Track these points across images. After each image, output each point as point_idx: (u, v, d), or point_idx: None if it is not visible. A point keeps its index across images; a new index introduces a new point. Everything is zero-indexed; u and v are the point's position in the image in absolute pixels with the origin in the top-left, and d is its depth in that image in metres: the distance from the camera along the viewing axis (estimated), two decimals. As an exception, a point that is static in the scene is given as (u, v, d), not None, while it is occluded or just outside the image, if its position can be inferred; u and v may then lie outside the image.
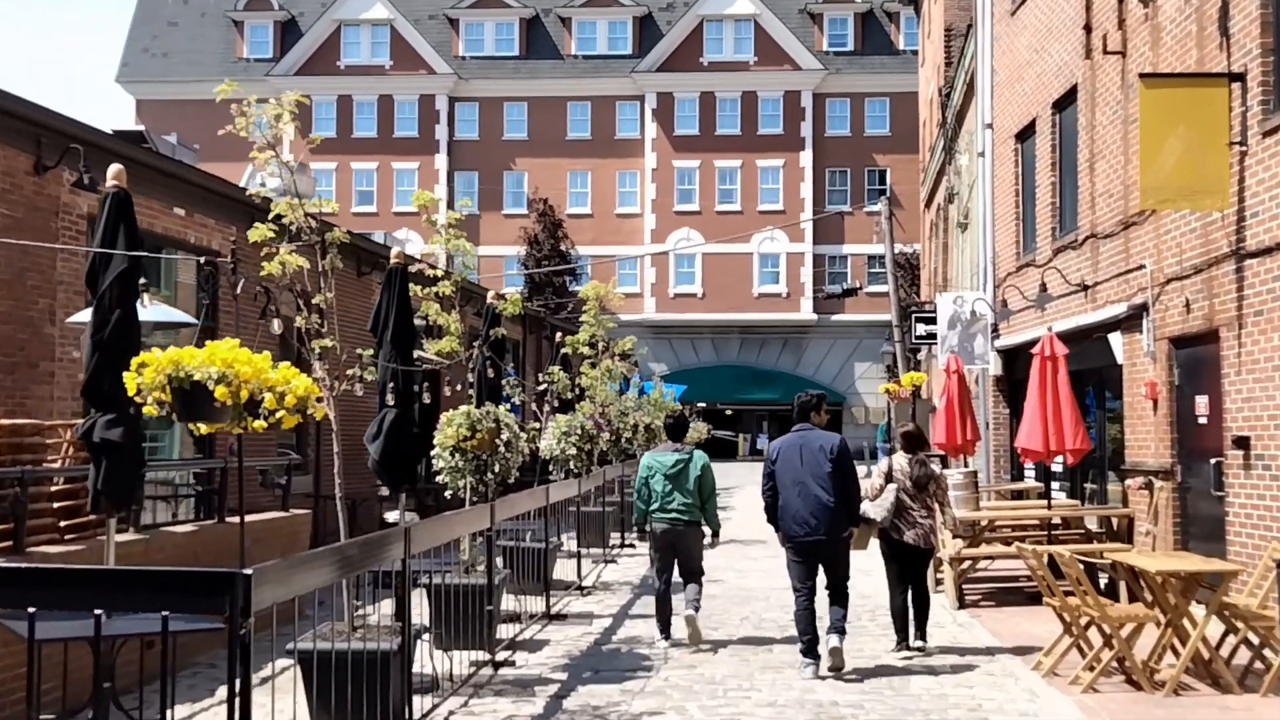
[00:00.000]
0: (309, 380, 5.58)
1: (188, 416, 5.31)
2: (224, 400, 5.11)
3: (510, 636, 10.34)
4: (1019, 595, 13.08)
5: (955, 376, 15.89)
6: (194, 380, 5.06)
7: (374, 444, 8.61)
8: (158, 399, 5.16)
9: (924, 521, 9.85)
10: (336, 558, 5.86)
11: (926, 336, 20.86)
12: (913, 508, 9.81)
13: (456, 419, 9.05)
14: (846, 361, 54.46)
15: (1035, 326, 15.63)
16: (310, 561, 5.43)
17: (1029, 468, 17.21)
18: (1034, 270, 15.66)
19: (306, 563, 5.39)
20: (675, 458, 10.30)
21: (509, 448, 9.24)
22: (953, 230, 24.17)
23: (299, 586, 5.38)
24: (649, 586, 14.14)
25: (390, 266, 8.73)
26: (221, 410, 5.20)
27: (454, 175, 55.95)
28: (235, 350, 5.22)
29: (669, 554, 10.31)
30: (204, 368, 5.06)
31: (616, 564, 16.41)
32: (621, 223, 54.85)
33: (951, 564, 12.27)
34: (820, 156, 54.56)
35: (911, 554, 9.87)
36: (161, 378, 5.09)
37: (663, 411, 25.95)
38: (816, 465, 8.88)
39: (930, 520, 9.90)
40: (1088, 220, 13.68)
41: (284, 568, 5.14)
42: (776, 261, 54.44)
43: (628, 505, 20.10)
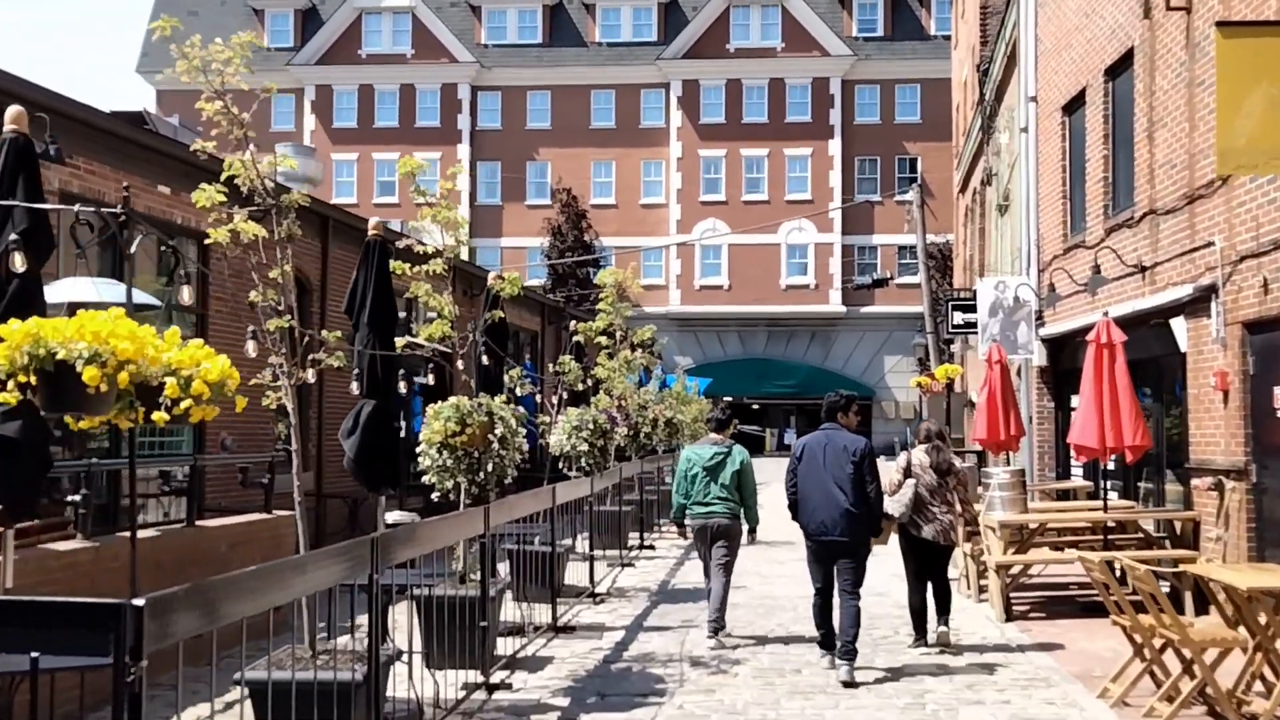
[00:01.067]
0: (226, 363, 4.55)
1: (55, 406, 4.27)
2: (96, 385, 4.07)
3: (510, 653, 9.32)
4: (1070, 605, 11.96)
5: (997, 367, 14.74)
6: (59, 360, 4.04)
7: (349, 440, 7.61)
8: (20, 382, 4.13)
9: (943, 517, 9.71)
10: (269, 579, 4.84)
11: (964, 326, 19.68)
12: (931, 503, 9.68)
13: (444, 412, 8.03)
14: (876, 355, 53.23)
15: (1085, 312, 14.48)
16: (228, 588, 4.39)
17: (1076, 465, 16.06)
18: (1084, 252, 14.50)
19: (223, 589, 4.35)
20: (714, 451, 10.14)
21: (504, 445, 8.21)
22: (990, 214, 22.98)
23: (215, 617, 4.35)
24: (667, 593, 13.13)
25: (368, 239, 7.72)
26: (98, 398, 4.17)
27: (476, 165, 55.02)
28: (117, 321, 4.18)
29: (706, 547, 10.21)
30: (70, 343, 4.02)
31: (634, 567, 15.38)
32: (646, 213, 53.80)
33: (998, 572, 11.16)
34: (849, 145, 53.31)
35: (930, 550, 9.75)
36: (22, 356, 4.07)
37: (686, 405, 24.96)
38: (838, 467, 8.80)
39: (949, 516, 9.77)
40: (1145, 195, 12.52)
41: (188, 596, 4.11)
42: (804, 252, 53.24)
43: (647, 504, 19.07)
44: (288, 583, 5.03)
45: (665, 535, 19.38)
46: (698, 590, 12.99)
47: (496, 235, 54.34)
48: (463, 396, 8.16)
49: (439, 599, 8.40)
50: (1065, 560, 11.20)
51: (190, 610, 4.25)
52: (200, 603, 4.33)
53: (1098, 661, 9.18)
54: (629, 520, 17.06)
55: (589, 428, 12.52)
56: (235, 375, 4.65)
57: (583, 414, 12.62)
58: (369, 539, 6.11)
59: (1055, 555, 11.45)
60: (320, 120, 55.07)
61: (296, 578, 5.14)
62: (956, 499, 9.85)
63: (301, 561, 5.47)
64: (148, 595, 3.91)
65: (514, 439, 8.25)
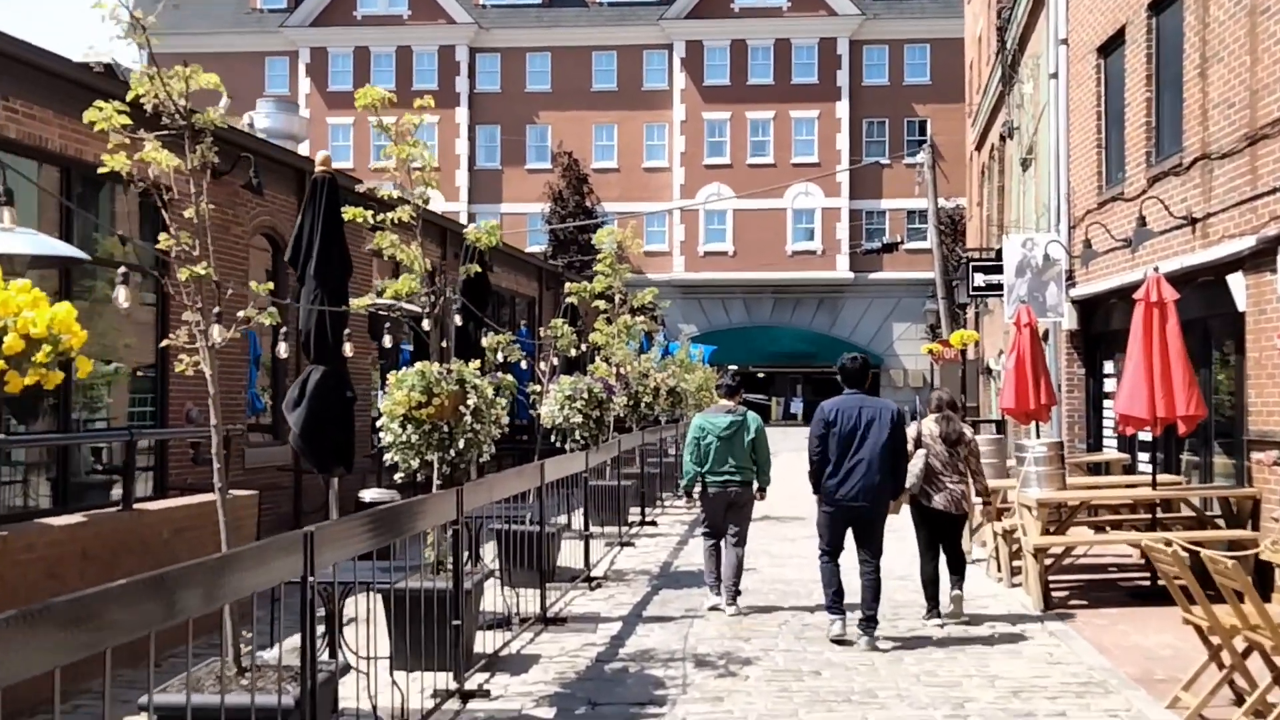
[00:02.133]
0: (66, 310, 3.44)
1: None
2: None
3: (492, 651, 8.25)
4: (1113, 591, 10.86)
5: (1026, 331, 13.58)
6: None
7: (295, 413, 6.50)
8: None
9: (954, 487, 9.55)
10: (148, 594, 3.73)
11: (986, 288, 18.51)
12: (942, 473, 9.54)
13: (408, 380, 6.91)
14: (884, 322, 52.08)
15: (1123, 270, 13.33)
16: (86, 607, 3.25)
17: (1109, 437, 14.94)
18: (1122, 205, 13.33)
19: (74, 611, 3.22)
20: (729, 419, 10.03)
21: (479, 417, 7.09)
22: (1011, 171, 21.77)
23: (65, 648, 3.23)
24: (669, 576, 12.05)
25: (314, 176, 6.58)
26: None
27: (475, 128, 53.73)
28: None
29: (722, 514, 10.08)
30: None
31: (634, 547, 14.29)
32: (649, 177, 52.51)
33: (1036, 555, 10.05)
34: (857, 107, 51.95)
35: (942, 520, 9.61)
36: None
37: (690, 373, 23.85)
38: (874, 432, 8.68)
39: (961, 485, 9.59)
40: (1197, 139, 11.34)
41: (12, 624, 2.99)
42: (811, 217, 51.98)
43: (649, 478, 17.99)
44: (178, 598, 3.92)
45: (669, 510, 18.31)
46: (703, 572, 11.93)
47: (496, 200, 53.08)
48: (429, 362, 7.03)
49: (412, 593, 7.35)
50: (1111, 542, 10.13)
51: (21, 644, 3.13)
52: (32, 631, 3.21)
53: (1157, 662, 8.09)
54: (629, 496, 15.99)
55: (583, 397, 11.40)
56: (76, 330, 3.53)
57: (576, 382, 11.50)
58: (301, 534, 5.00)
59: (1102, 537, 10.36)
60: (315, 83, 53.72)
61: (189, 592, 4.03)
62: (968, 469, 9.63)
63: (215, 566, 4.37)
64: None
65: (490, 411, 7.13)
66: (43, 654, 3.09)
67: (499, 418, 7.43)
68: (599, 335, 16.35)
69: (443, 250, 20.24)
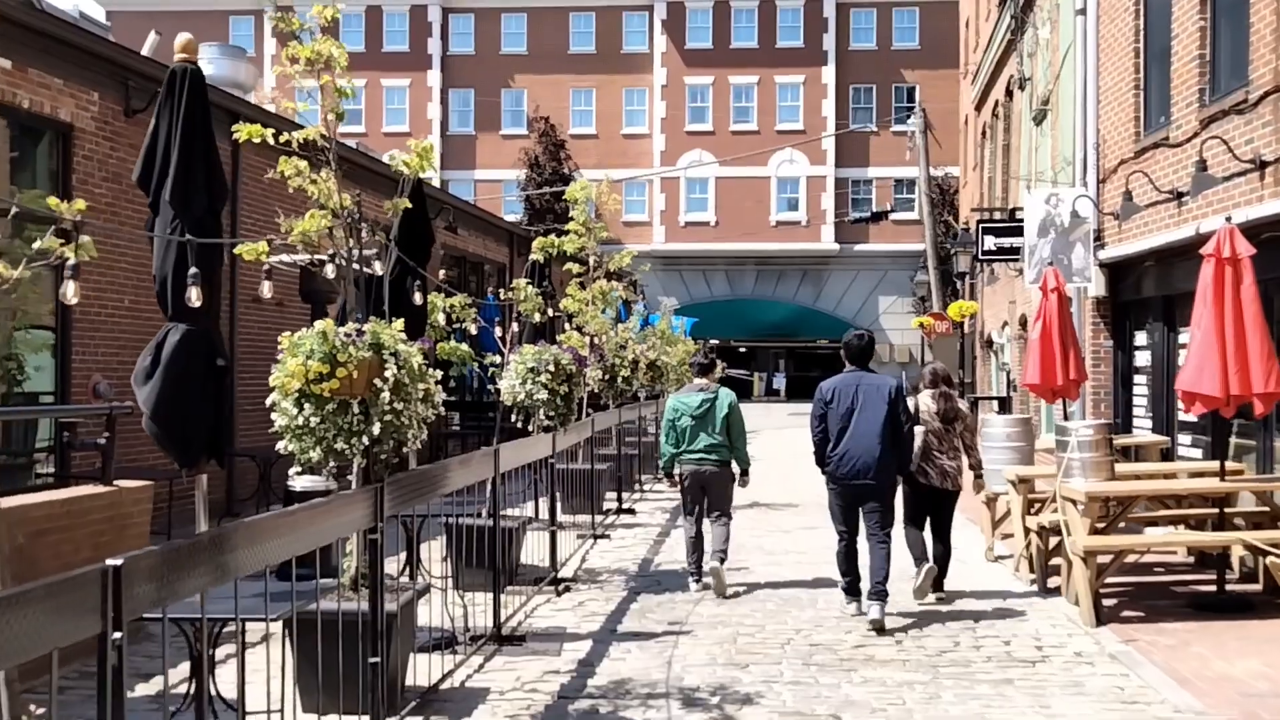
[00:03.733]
0: None
1: None
2: None
3: (430, 684, 6.60)
4: (1170, 599, 9.27)
5: (1054, 296, 11.95)
6: None
7: (145, 387, 4.80)
8: None
9: (949, 464, 9.31)
10: None
11: (997, 252, 16.85)
12: (938, 449, 9.29)
13: (305, 344, 5.21)
14: (870, 295, 50.59)
15: (1165, 228, 11.70)
16: None
17: (1142, 417, 13.35)
18: (1166, 152, 11.68)
19: None
20: (701, 398, 9.84)
21: (401, 394, 5.40)
22: (1021, 126, 20.11)
23: None
24: (649, 577, 10.42)
25: (171, 68, 4.85)
26: None
27: (448, 93, 51.84)
28: None
29: (699, 496, 9.90)
30: None
31: (610, 539, 12.65)
32: (628, 144, 50.76)
33: (1085, 560, 8.44)
34: (844, 72, 50.31)
35: (935, 496, 9.36)
36: None
37: (672, 345, 22.23)
38: (874, 409, 8.55)
39: (955, 463, 9.35)
40: (1267, 70, 9.69)
41: None
42: (796, 186, 50.36)
43: (627, 460, 16.35)
44: None
45: (648, 496, 16.67)
46: (688, 571, 10.33)
47: (469, 167, 51.26)
48: (331, 321, 5.32)
49: (324, 620, 5.67)
50: (1177, 544, 8.53)
51: None
52: None
53: (1258, 700, 6.49)
54: (604, 480, 14.34)
55: (548, 370, 9.71)
56: None
57: (540, 353, 9.80)
58: (99, 570, 3.31)
59: (1172, 537, 8.75)
60: (281, 45, 51.52)
61: None
62: (963, 445, 9.42)
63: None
64: None
65: (416, 386, 5.43)
66: None
67: (431, 394, 5.73)
68: (571, 302, 14.66)
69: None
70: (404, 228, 7.63)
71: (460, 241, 21.35)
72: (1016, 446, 11.02)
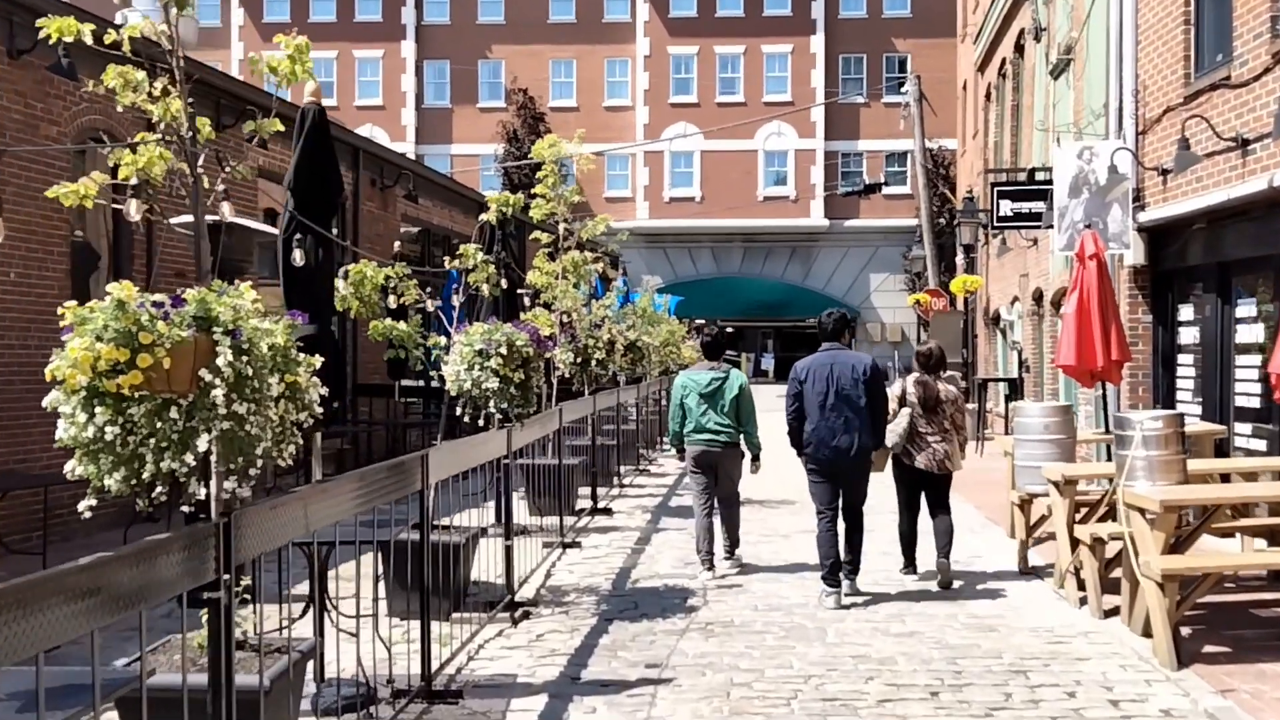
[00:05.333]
0: None
1: None
2: None
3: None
4: (1257, 628, 7.65)
5: (1092, 264, 10.35)
6: None
7: None
8: None
9: (938, 446, 9.14)
10: None
11: (1015, 218, 15.12)
12: (926, 432, 9.15)
13: (99, 318, 3.51)
14: (861, 272, 49.00)
15: (1222, 184, 10.05)
16: None
17: (1187, 402, 11.72)
18: (1227, 94, 10.02)
19: None
20: (711, 376, 9.64)
21: (244, 391, 3.70)
22: (1033, 82, 18.42)
23: None
24: (625, 598, 8.74)
25: None
26: None
27: (423, 64, 49.95)
28: None
29: (709, 476, 9.68)
30: None
31: (581, 547, 10.99)
32: (611, 117, 48.90)
33: (1164, 586, 6.79)
34: (833, 41, 48.54)
35: (923, 479, 9.25)
36: None
37: (654, 325, 20.57)
38: (849, 387, 8.54)
39: (945, 445, 9.16)
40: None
41: None
42: (784, 160, 48.63)
43: (604, 452, 14.68)
44: None
45: (627, 492, 15.02)
46: (670, 590, 8.70)
47: (446, 141, 49.38)
48: (131, 286, 3.61)
49: (153, 697, 3.97)
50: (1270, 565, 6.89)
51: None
52: None
53: None
54: (577, 477, 12.66)
55: (499, 353, 8.00)
56: None
57: (490, 333, 8.08)
58: None
59: (1261, 561, 7.10)
60: (249, 14, 49.64)
61: None
62: (954, 427, 9.22)
63: None
64: None
65: (267, 381, 3.74)
66: None
67: (302, 390, 4.04)
68: (538, 275, 12.96)
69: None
70: (302, 171, 5.91)
71: (423, 212, 19.61)
72: (1056, 440, 9.36)
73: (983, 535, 11.42)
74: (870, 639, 7.49)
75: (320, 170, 5.99)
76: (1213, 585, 7.24)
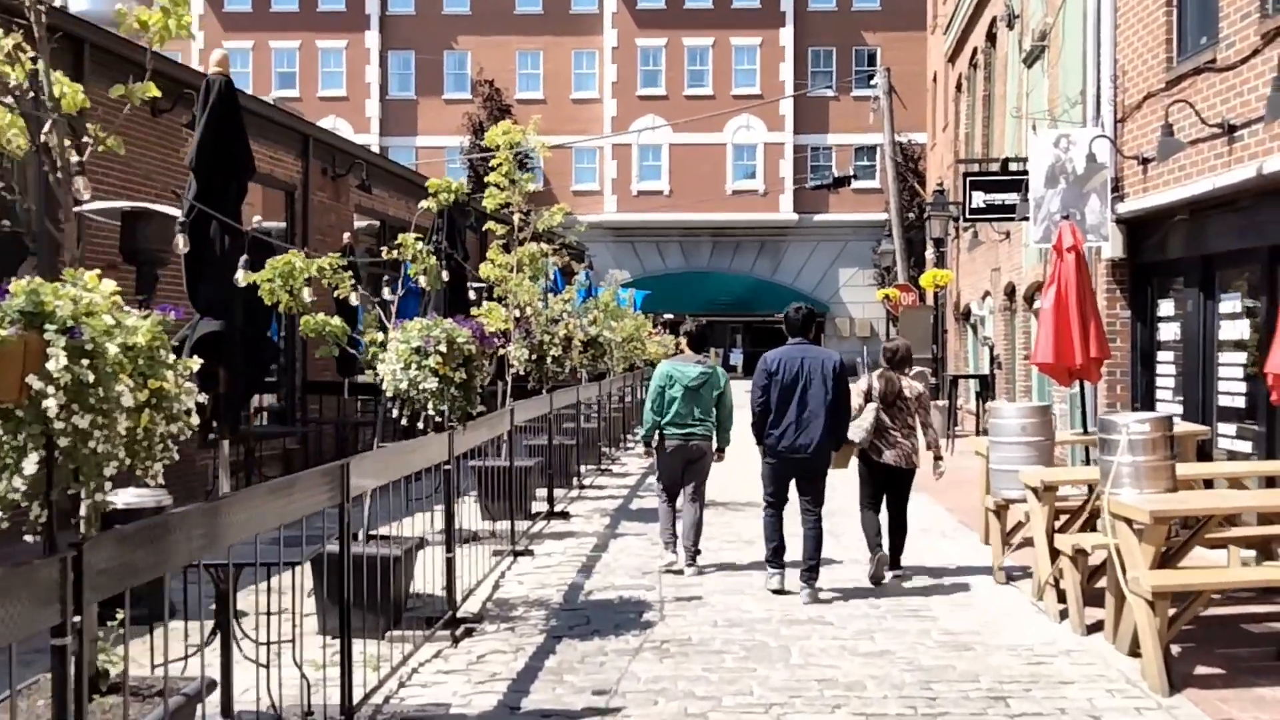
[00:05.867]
0: None
1: None
2: None
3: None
4: (1250, 641, 7.16)
5: (1071, 257, 9.85)
6: None
7: None
8: None
9: (904, 442, 9.17)
10: None
11: (988, 210, 14.62)
12: (892, 427, 9.16)
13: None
14: (830, 266, 48.62)
15: (1206, 174, 9.57)
16: None
17: (1169, 402, 11.25)
18: (1212, 77, 9.52)
19: None
20: (699, 370, 9.59)
21: (85, 401, 3.08)
22: (1006, 71, 17.94)
23: None
24: (576, 611, 8.14)
25: None
26: None
27: (387, 55, 49.19)
28: None
29: (679, 471, 9.67)
30: None
31: (533, 555, 10.39)
32: (578, 109, 48.30)
33: (1154, 605, 6.27)
34: (803, 34, 48.16)
35: (890, 475, 9.23)
36: None
37: (619, 320, 20.00)
38: (816, 383, 8.52)
39: (911, 441, 9.22)
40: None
41: None
42: (753, 153, 48.18)
43: (563, 450, 14.10)
44: None
45: (587, 493, 14.44)
46: (625, 603, 8.15)
47: (411, 133, 48.61)
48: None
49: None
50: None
51: None
52: None
53: None
54: (531, 481, 12.07)
55: (438, 351, 7.39)
56: None
57: (429, 329, 7.47)
58: None
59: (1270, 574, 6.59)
60: (210, 4, 48.55)
61: None
62: (919, 422, 9.28)
63: None
64: None
65: (114, 390, 3.13)
66: None
67: (169, 398, 3.43)
68: (491, 268, 12.36)
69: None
70: (206, 150, 5.29)
71: (378, 203, 18.94)
72: (1033, 442, 8.84)
73: (956, 540, 10.91)
74: (837, 659, 6.94)
75: (227, 149, 5.37)
76: (1206, 603, 6.73)
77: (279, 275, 7.65)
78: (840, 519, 10.86)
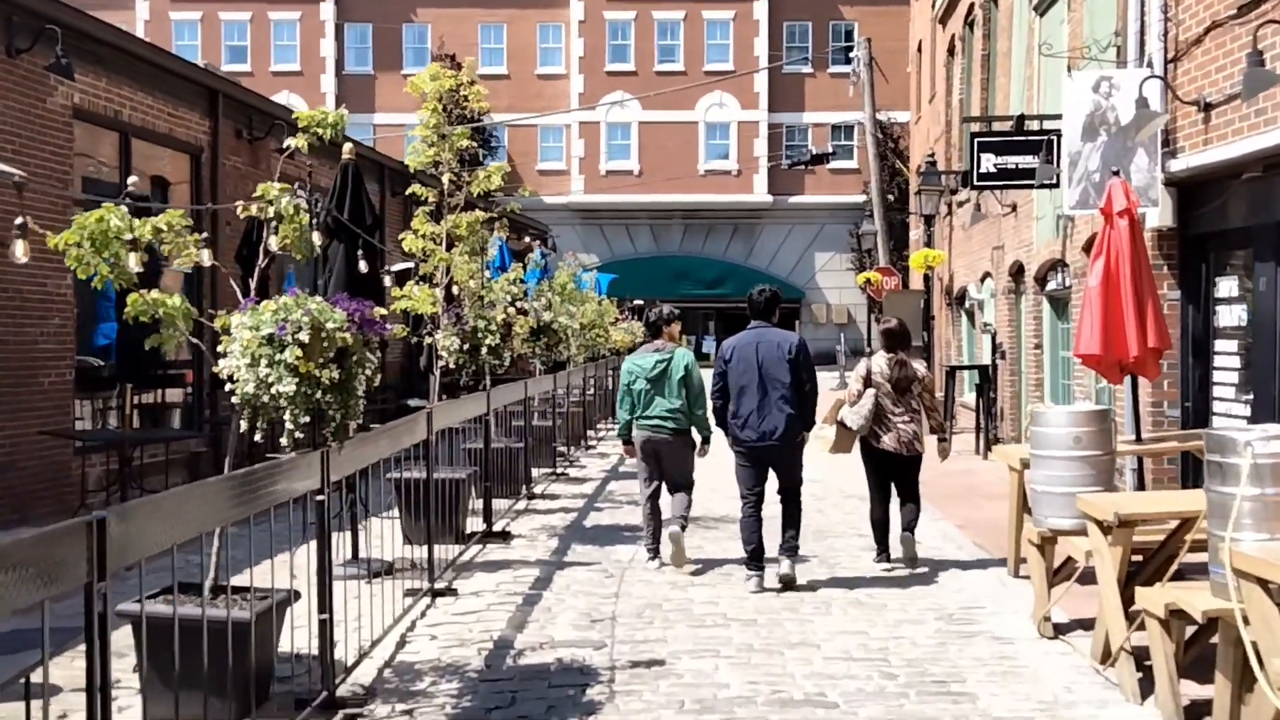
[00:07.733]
0: None
1: None
2: None
3: None
4: None
5: (1124, 223, 7.90)
6: None
7: None
8: None
9: (905, 427, 8.83)
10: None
11: (999, 175, 12.56)
12: (893, 412, 8.83)
13: None
14: (806, 251, 46.79)
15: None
16: None
17: (1226, 399, 9.32)
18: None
19: None
20: (655, 359, 9.18)
21: None
22: (1011, 25, 15.98)
23: None
24: (497, 687, 5.95)
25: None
26: None
27: (343, 28, 47.06)
28: None
29: (654, 465, 9.23)
30: None
31: (456, 596, 8.35)
32: (544, 85, 46.22)
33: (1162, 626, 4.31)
34: (777, 8, 46.30)
35: (892, 461, 8.92)
36: None
37: (578, 305, 18.03)
38: (774, 366, 8.30)
39: (913, 426, 8.86)
40: None
41: None
42: (726, 132, 46.22)
43: (508, 454, 12.09)
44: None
45: (536, 505, 12.43)
46: (565, 670, 6.10)
47: (369, 110, 46.28)
48: None
49: None
50: None
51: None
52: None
53: None
54: (464, 495, 10.04)
55: (297, 340, 5.34)
56: None
57: (285, 312, 5.40)
58: None
59: None
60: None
61: None
62: (924, 407, 8.93)
63: None
64: None
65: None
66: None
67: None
68: (414, 240, 10.29)
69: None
70: None
71: (303, 170, 16.77)
72: (1090, 458, 6.86)
73: (976, 571, 8.93)
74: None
75: None
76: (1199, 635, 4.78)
77: (87, 238, 5.64)
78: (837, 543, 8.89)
